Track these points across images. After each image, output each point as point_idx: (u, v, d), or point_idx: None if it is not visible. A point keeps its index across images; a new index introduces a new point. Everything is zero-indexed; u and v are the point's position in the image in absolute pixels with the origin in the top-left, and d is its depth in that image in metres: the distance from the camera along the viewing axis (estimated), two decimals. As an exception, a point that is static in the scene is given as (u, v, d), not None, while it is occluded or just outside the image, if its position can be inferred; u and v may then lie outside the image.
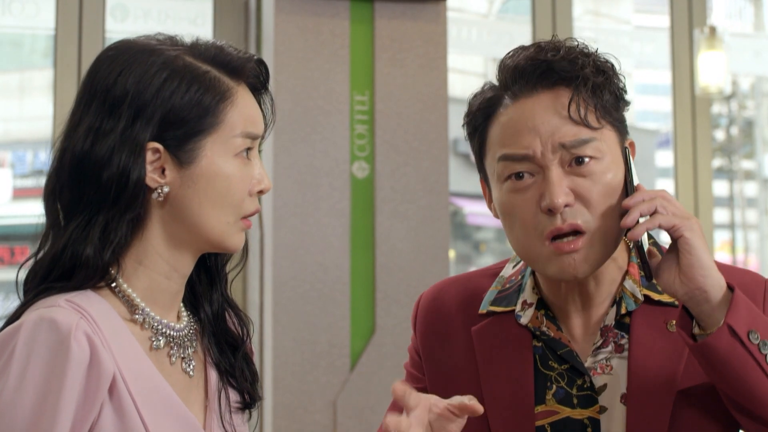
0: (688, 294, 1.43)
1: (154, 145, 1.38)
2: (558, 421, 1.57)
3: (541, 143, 1.51)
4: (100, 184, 1.37)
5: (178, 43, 1.45)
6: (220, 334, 1.54)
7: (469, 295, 1.70)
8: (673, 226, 1.43)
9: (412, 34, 3.93)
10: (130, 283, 1.41)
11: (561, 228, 1.50)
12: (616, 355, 1.57)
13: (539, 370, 1.60)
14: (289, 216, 3.78)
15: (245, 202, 1.44)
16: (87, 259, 1.36)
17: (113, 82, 1.40)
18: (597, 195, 1.51)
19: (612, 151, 1.54)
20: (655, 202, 1.45)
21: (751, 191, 9.54)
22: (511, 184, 1.54)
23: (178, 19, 4.98)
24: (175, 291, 1.46)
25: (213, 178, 1.40)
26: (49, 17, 4.20)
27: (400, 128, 3.89)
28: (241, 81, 1.45)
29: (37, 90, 7.70)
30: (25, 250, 8.35)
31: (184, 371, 1.46)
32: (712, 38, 4.69)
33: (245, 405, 1.55)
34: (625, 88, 1.59)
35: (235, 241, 1.45)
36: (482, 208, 2.68)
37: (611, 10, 9.23)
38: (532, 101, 1.54)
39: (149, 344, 1.41)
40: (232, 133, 1.41)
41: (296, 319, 3.69)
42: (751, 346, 1.41)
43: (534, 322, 1.62)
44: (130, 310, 1.41)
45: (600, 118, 1.53)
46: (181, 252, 1.43)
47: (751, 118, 9.32)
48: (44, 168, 1.44)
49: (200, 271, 1.54)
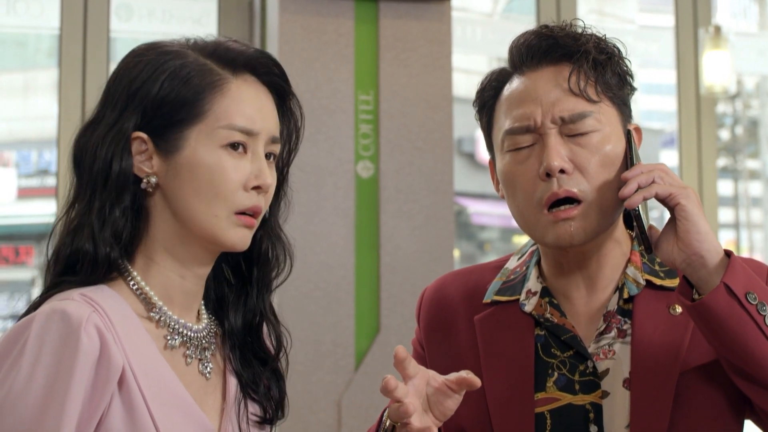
0: (686, 261, 1.45)
1: (139, 135, 1.39)
2: (559, 408, 1.58)
3: (542, 113, 1.56)
4: (92, 175, 1.39)
5: (187, 41, 1.46)
6: (248, 346, 1.52)
7: (472, 286, 1.72)
8: (669, 194, 1.45)
9: (417, 33, 3.93)
10: (146, 280, 1.41)
11: (557, 193, 1.54)
12: (618, 340, 1.59)
13: (540, 357, 1.61)
14: (293, 215, 3.77)
15: (237, 196, 1.40)
16: (86, 252, 1.37)
17: (114, 78, 1.43)
18: (595, 165, 1.55)
19: (612, 125, 1.58)
20: (653, 173, 1.48)
21: (756, 191, 9.53)
22: (513, 155, 1.59)
23: (183, 18, 4.98)
24: (192, 291, 1.45)
25: (195, 168, 1.38)
26: (54, 17, 4.20)
27: (404, 128, 3.89)
28: (241, 73, 1.43)
29: (42, 90, 7.71)
30: (29, 249, 8.36)
31: (200, 373, 1.45)
32: (716, 38, 4.68)
33: (265, 420, 1.52)
34: (630, 72, 1.63)
35: (230, 237, 1.41)
36: (486, 208, 2.63)
37: (616, 10, 9.22)
38: (536, 75, 1.59)
39: (164, 342, 1.41)
40: (217, 123, 1.39)
41: (301, 318, 3.69)
42: (749, 306, 1.42)
43: (538, 309, 1.64)
44: (146, 308, 1.41)
45: (600, 93, 1.58)
46: (187, 248, 1.42)
47: (756, 118, 9.31)
48: (49, 168, 1.45)
49: (233, 278, 1.53)
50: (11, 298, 8.18)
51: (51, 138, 4.65)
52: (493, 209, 10.08)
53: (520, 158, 1.58)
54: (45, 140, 7.45)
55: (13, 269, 8.39)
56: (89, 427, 1.29)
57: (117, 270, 1.40)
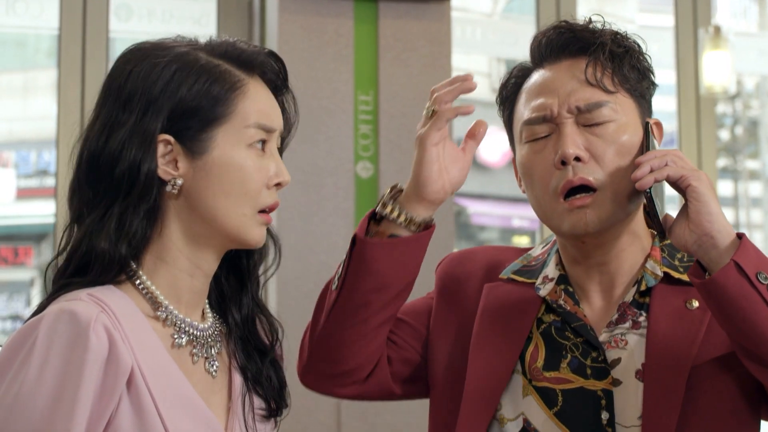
0: (697, 242, 1.46)
1: (164, 137, 1.39)
2: (572, 389, 1.59)
3: (558, 103, 1.59)
4: (113, 178, 1.38)
5: (192, 42, 1.47)
6: (248, 340, 1.53)
7: (495, 261, 1.75)
8: (681, 176, 1.47)
9: (417, 33, 3.93)
10: (153, 279, 1.41)
11: (572, 181, 1.56)
12: (632, 331, 1.59)
13: (554, 339, 1.63)
14: (294, 216, 3.78)
15: (262, 195, 1.43)
16: (102, 252, 1.37)
17: (125, 80, 1.41)
18: (611, 153, 1.57)
19: (629, 115, 1.61)
20: (667, 157, 1.50)
21: (756, 191, 9.51)
22: (531, 146, 1.62)
23: (182, 18, 4.98)
24: (199, 290, 1.46)
25: (226, 168, 1.40)
26: (53, 17, 4.19)
27: (404, 128, 3.89)
28: (254, 74, 1.46)
29: (41, 90, 7.71)
30: (28, 250, 8.35)
31: (207, 371, 1.46)
32: (716, 38, 4.68)
33: (270, 413, 1.54)
34: (651, 68, 1.66)
35: (254, 236, 1.44)
36: (486, 208, 2.63)
37: (616, 10, 9.21)
38: (554, 68, 1.63)
39: (171, 342, 1.41)
40: (244, 123, 1.42)
41: (300, 319, 3.67)
42: (760, 286, 1.43)
43: (552, 295, 1.66)
44: (153, 307, 1.41)
45: (617, 84, 1.60)
46: (202, 248, 1.43)
47: (756, 118, 9.30)
48: (48, 168, 1.45)
49: (230, 274, 1.54)
50: (10, 298, 8.18)
51: (50, 138, 4.65)
52: (493, 209, 10.08)
53: (538, 148, 1.61)
54: (44, 140, 7.43)
55: (12, 270, 8.38)
56: (98, 427, 1.29)
57: (125, 271, 1.40)
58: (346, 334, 1.60)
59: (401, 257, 1.56)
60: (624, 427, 1.55)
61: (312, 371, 1.67)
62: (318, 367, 1.66)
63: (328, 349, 1.63)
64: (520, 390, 1.62)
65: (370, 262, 1.54)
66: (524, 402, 1.60)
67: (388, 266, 1.55)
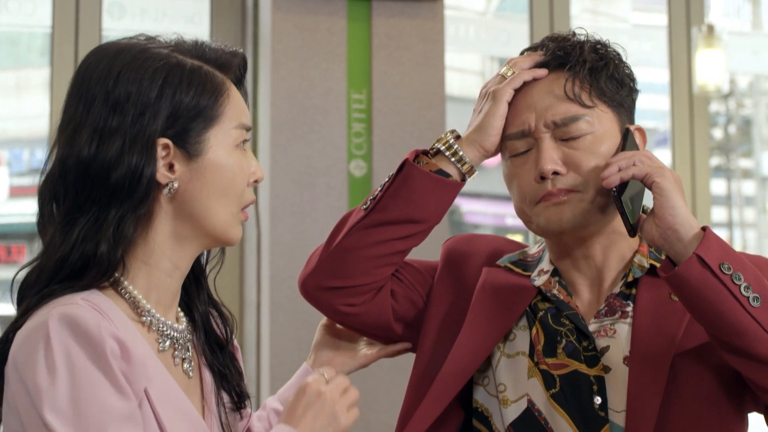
0: (662, 236, 1.51)
1: (164, 141, 1.40)
2: (567, 373, 1.64)
3: (536, 118, 1.65)
4: (109, 184, 1.37)
5: (164, 43, 1.47)
6: (210, 335, 1.55)
7: (499, 249, 1.83)
8: (646, 174, 1.53)
9: (410, 32, 3.92)
10: (134, 282, 1.41)
11: (551, 192, 1.62)
12: (620, 321, 1.65)
13: (550, 325, 1.68)
14: (287, 215, 3.77)
15: (245, 193, 1.47)
16: (101, 256, 1.36)
17: (113, 84, 1.40)
18: (589, 163, 1.63)
19: (606, 127, 1.66)
20: (635, 157, 1.56)
21: (749, 190, 9.53)
22: (513, 161, 1.69)
23: (175, 17, 4.97)
24: (175, 290, 1.47)
25: (219, 169, 1.43)
26: (46, 15, 4.18)
27: (397, 127, 3.89)
28: (229, 75, 1.49)
29: (34, 88, 7.68)
30: (21, 248, 8.33)
31: (185, 372, 1.47)
32: (710, 37, 4.68)
33: (236, 405, 1.56)
34: (631, 75, 1.71)
35: (235, 233, 1.47)
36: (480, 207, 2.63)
37: (609, 9, 9.21)
38: (536, 83, 1.69)
39: (156, 346, 1.42)
40: (230, 124, 1.45)
41: (294, 318, 3.68)
42: (723, 277, 1.46)
43: (546, 285, 1.72)
44: (135, 312, 1.41)
45: (594, 97, 1.65)
46: (184, 248, 1.45)
47: (749, 117, 9.31)
48: (41, 166, 1.44)
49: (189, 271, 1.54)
50: (2, 297, 8.16)
51: (43, 137, 4.63)
52: (487, 208, 10.09)
53: (519, 162, 1.68)
54: (37, 139, 7.41)
55: (5, 268, 8.36)
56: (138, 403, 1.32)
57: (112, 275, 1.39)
58: (365, 251, 1.68)
59: (438, 192, 1.66)
60: (615, 412, 1.60)
61: (315, 281, 1.73)
62: (323, 281, 1.72)
63: (341, 262, 1.70)
64: (525, 371, 1.67)
65: (410, 187, 1.65)
66: (529, 383, 1.66)
67: (423, 197, 1.65)
